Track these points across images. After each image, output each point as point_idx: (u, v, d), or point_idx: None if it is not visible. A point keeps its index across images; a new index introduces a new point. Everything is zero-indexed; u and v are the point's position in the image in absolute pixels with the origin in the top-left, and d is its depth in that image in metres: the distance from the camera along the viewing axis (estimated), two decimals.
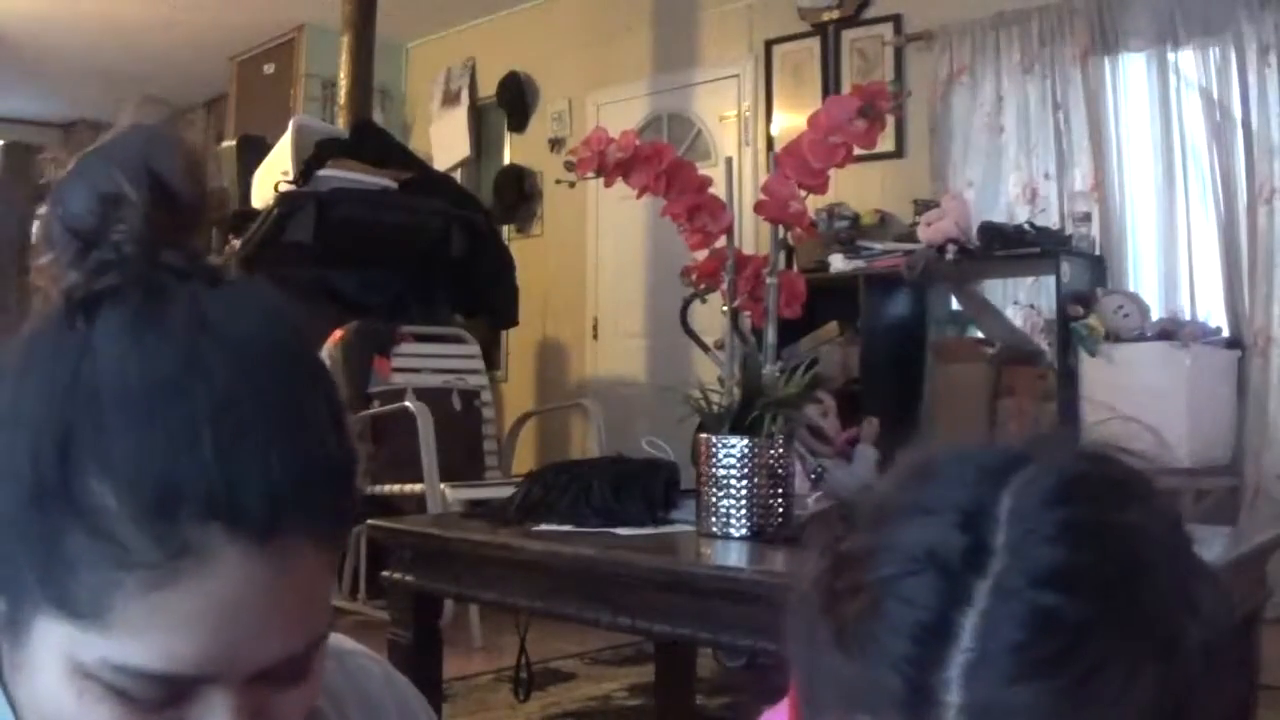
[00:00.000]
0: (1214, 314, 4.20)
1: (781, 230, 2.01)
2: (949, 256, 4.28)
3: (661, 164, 1.93)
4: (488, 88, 6.82)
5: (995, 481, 0.53)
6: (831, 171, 1.86)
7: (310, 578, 0.56)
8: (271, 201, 4.64)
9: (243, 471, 0.52)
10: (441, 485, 3.86)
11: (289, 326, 0.59)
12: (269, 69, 7.49)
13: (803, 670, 0.56)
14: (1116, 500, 0.53)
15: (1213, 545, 1.77)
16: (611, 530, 1.89)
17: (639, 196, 2.03)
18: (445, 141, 7.02)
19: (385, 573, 2.04)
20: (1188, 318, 4.16)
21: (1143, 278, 4.39)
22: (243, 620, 0.53)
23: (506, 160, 6.74)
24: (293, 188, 4.71)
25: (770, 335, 1.95)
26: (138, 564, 0.52)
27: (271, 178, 4.89)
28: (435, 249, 4.94)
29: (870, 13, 5.20)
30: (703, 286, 2.05)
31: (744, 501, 1.81)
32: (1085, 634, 0.49)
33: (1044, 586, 0.49)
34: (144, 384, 0.53)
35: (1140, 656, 0.49)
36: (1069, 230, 4.30)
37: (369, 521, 2.19)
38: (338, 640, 0.76)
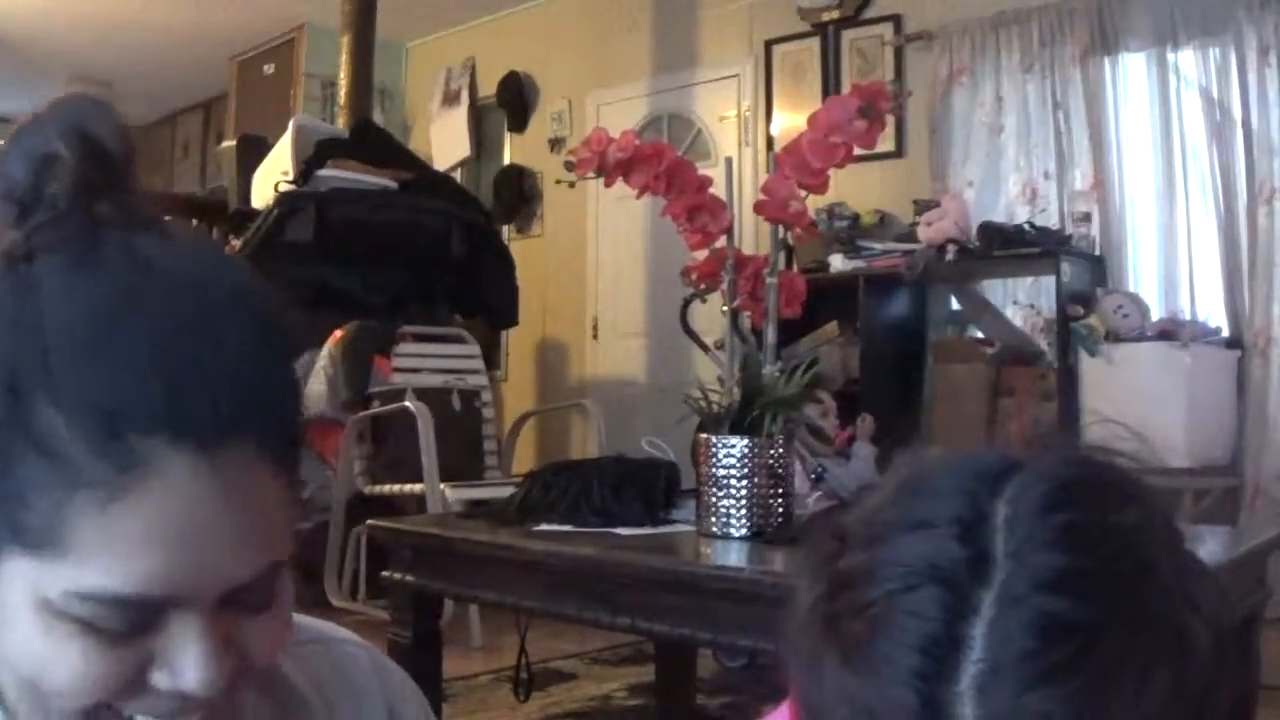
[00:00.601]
0: (1214, 314, 4.20)
1: (781, 230, 2.01)
2: (949, 256, 4.29)
3: (661, 164, 1.93)
4: (488, 87, 6.83)
5: (989, 490, 0.53)
6: (831, 171, 1.86)
7: (263, 493, 0.57)
8: (271, 201, 4.64)
9: (185, 385, 0.54)
10: (441, 485, 3.86)
11: (225, 261, 0.61)
12: (269, 69, 7.49)
13: (808, 692, 0.55)
14: (1112, 502, 0.53)
15: (1212, 545, 1.77)
16: (611, 530, 1.89)
17: (639, 196, 2.03)
18: (445, 141, 7.02)
19: (385, 573, 2.04)
20: (1188, 318, 4.16)
21: (1142, 278, 4.39)
22: (199, 533, 0.54)
23: (506, 160, 6.75)
24: (293, 188, 4.72)
25: (770, 335, 1.95)
26: (88, 481, 0.52)
27: (271, 178, 4.89)
28: (435, 249, 4.94)
29: (870, 13, 5.20)
30: (703, 286, 2.05)
31: (744, 501, 1.81)
32: (1095, 637, 0.49)
33: (1049, 591, 0.49)
34: (86, 313, 0.54)
35: (1151, 656, 0.49)
36: (1069, 230, 4.30)
37: (369, 521, 2.19)
38: (325, 627, 0.76)
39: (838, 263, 4.66)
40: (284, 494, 0.58)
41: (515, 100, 6.66)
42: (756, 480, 1.81)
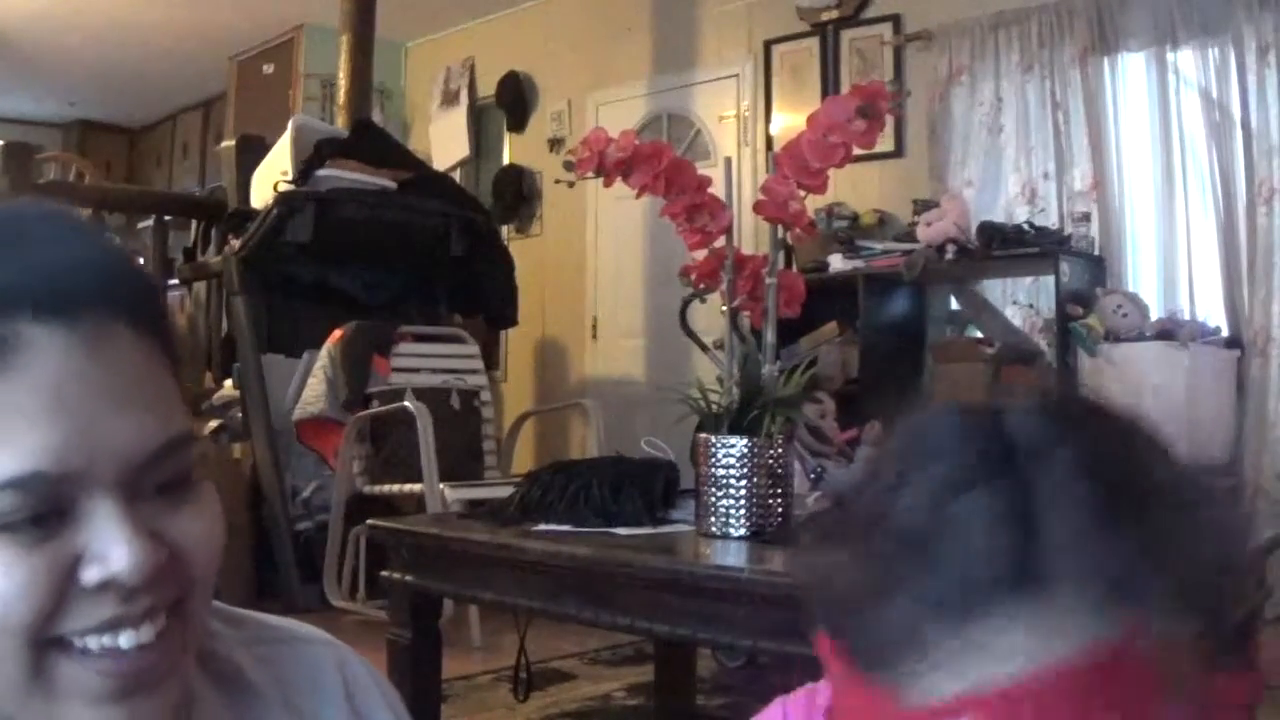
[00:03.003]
0: (1213, 314, 4.20)
1: (781, 230, 2.01)
2: (948, 256, 4.29)
3: (661, 164, 1.93)
4: (487, 87, 6.83)
5: (990, 418, 0.54)
6: (831, 171, 1.86)
7: (134, 362, 0.58)
8: (271, 201, 4.64)
9: (34, 266, 0.56)
10: (441, 485, 3.86)
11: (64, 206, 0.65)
12: (268, 69, 7.49)
13: (870, 634, 0.54)
14: (1103, 409, 0.56)
15: None
16: (611, 530, 1.89)
17: (638, 196, 2.03)
18: (444, 141, 7.02)
19: (384, 573, 2.04)
20: (1187, 317, 4.16)
21: (1142, 277, 4.39)
22: (77, 400, 0.55)
23: (506, 160, 6.75)
24: (292, 188, 4.71)
25: (769, 335, 1.95)
26: None
27: (271, 177, 4.89)
28: (435, 249, 4.94)
29: (869, 13, 5.20)
30: (702, 286, 2.05)
31: (743, 501, 1.81)
32: (1144, 493, 0.52)
33: (1089, 465, 0.51)
34: None
35: (1188, 512, 0.52)
36: (1068, 230, 4.30)
37: (368, 521, 2.19)
38: (294, 627, 0.76)
39: (837, 263, 4.66)
40: (159, 369, 0.60)
41: (514, 100, 6.66)
42: (756, 480, 1.81)
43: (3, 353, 0.54)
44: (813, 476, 2.56)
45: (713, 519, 1.83)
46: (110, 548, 0.55)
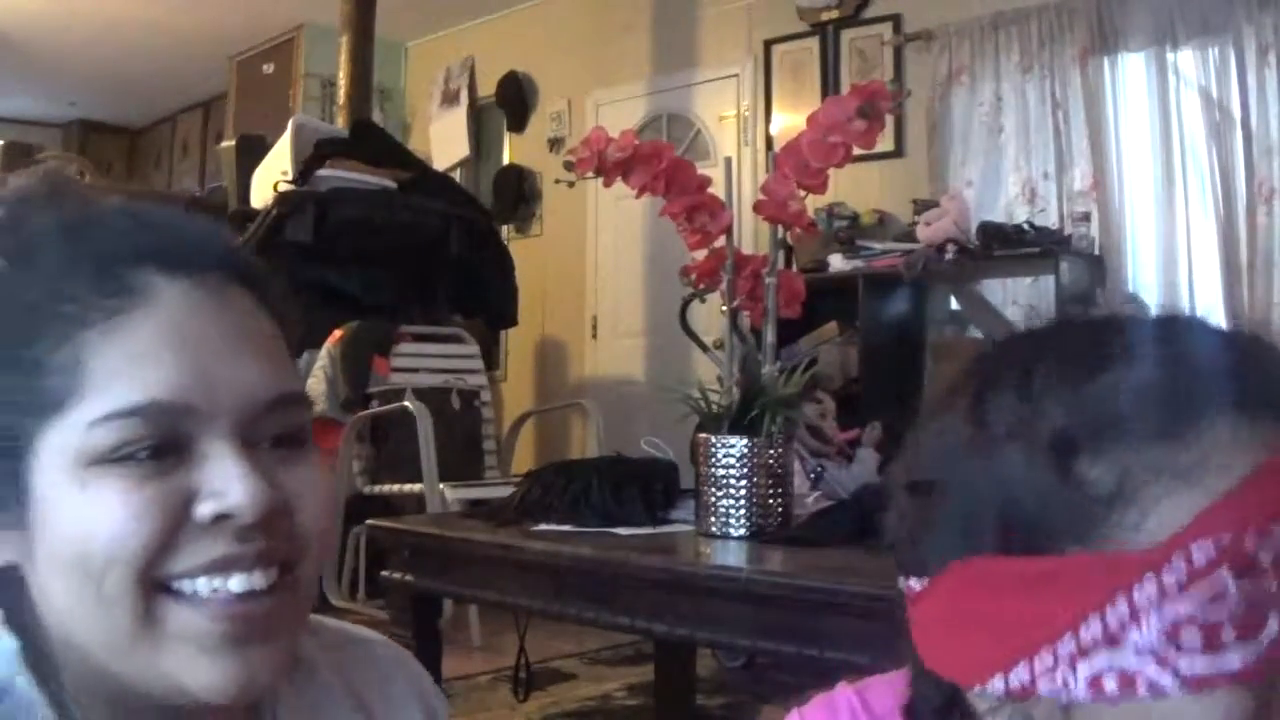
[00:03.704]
0: (1213, 314, 4.19)
1: (781, 230, 2.01)
2: (948, 256, 4.28)
3: (661, 164, 1.93)
4: (487, 87, 6.82)
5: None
6: (830, 171, 1.86)
7: (251, 318, 0.62)
8: (271, 201, 4.64)
9: (161, 227, 0.62)
10: (441, 485, 3.87)
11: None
12: (268, 68, 7.49)
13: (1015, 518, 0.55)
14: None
15: None
16: (611, 530, 1.89)
17: (638, 196, 2.03)
18: (444, 141, 7.02)
19: (385, 573, 2.04)
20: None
21: (1142, 277, 4.39)
22: (199, 343, 0.58)
23: (506, 160, 6.74)
24: (292, 187, 4.72)
25: (769, 335, 1.95)
26: (92, 317, 0.57)
27: (271, 177, 4.89)
28: (435, 249, 4.94)
29: (869, 12, 5.20)
30: (702, 286, 2.05)
31: (743, 501, 1.81)
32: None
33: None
34: (58, 217, 0.62)
35: None
36: (1068, 230, 4.30)
37: (368, 521, 2.19)
38: (356, 630, 0.78)
39: (837, 263, 4.66)
40: (273, 332, 0.63)
41: (514, 100, 6.66)
42: (756, 480, 1.81)
43: (133, 298, 0.58)
44: (813, 476, 2.57)
45: (713, 519, 1.83)
46: (226, 484, 0.57)
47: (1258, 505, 0.49)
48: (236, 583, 0.57)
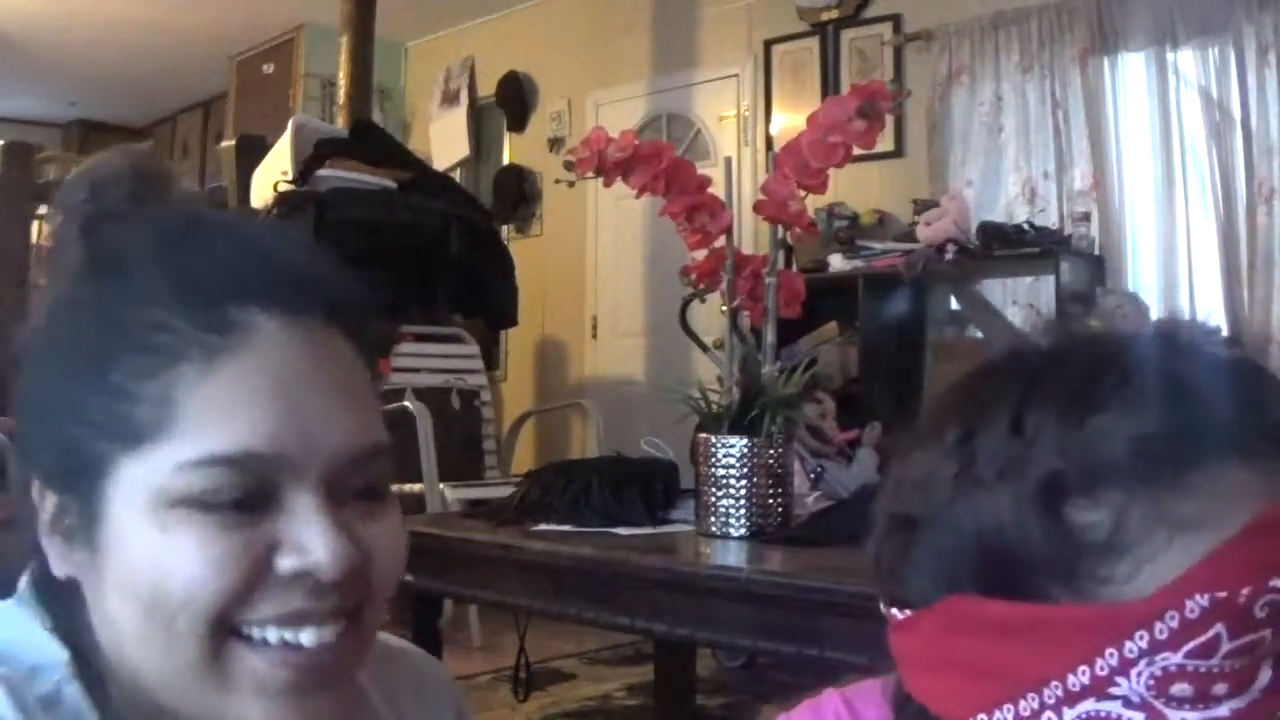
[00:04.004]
0: (1213, 314, 4.20)
1: (780, 230, 2.01)
2: (948, 256, 4.28)
3: (661, 164, 1.93)
4: (487, 87, 6.82)
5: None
6: (830, 171, 1.86)
7: (349, 366, 0.60)
8: (270, 201, 4.64)
9: (268, 261, 0.60)
10: (441, 485, 3.87)
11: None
12: (268, 69, 7.49)
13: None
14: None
15: None
16: (611, 530, 1.89)
17: (638, 196, 2.03)
18: (444, 141, 7.01)
19: None
20: (1187, 317, 4.16)
21: (1142, 277, 4.39)
22: (296, 389, 0.57)
23: (506, 160, 6.74)
24: (292, 188, 4.71)
25: (769, 335, 1.95)
26: (191, 352, 0.55)
27: (270, 177, 4.88)
28: (435, 249, 4.94)
29: (869, 12, 5.20)
30: (702, 286, 2.05)
31: (743, 501, 1.81)
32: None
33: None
34: (162, 231, 0.60)
35: None
36: (1068, 230, 4.30)
37: None
38: (387, 639, 0.78)
39: (837, 262, 4.66)
40: (366, 379, 0.62)
41: (514, 100, 6.66)
42: (756, 480, 1.81)
43: (235, 335, 0.56)
44: (813, 476, 2.57)
45: (713, 519, 1.83)
46: (311, 539, 0.56)
47: (1256, 560, 0.48)
48: (308, 636, 0.56)
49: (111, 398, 0.56)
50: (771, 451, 1.82)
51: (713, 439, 1.84)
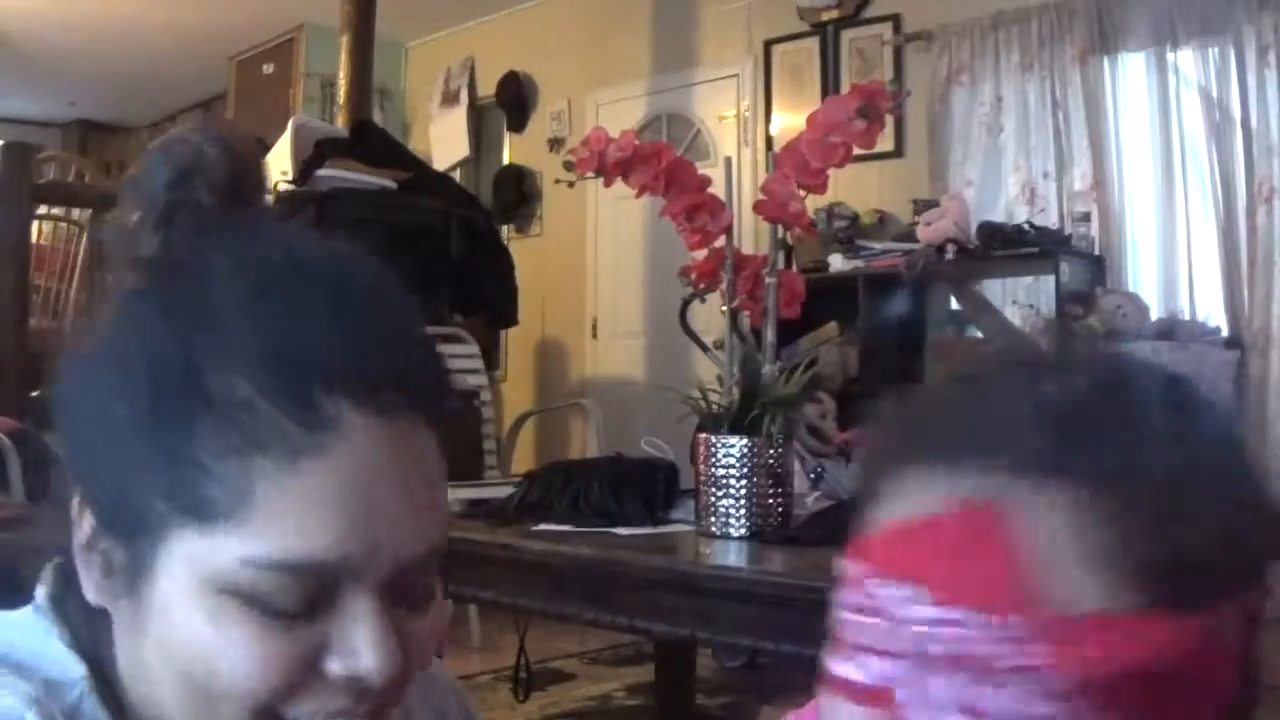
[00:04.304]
0: (1213, 314, 4.20)
1: (780, 230, 2.01)
2: (948, 256, 4.28)
3: (661, 164, 1.93)
4: (487, 87, 6.82)
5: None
6: (830, 171, 1.86)
7: (431, 464, 0.58)
8: (270, 201, 4.63)
9: (364, 349, 0.55)
10: None
11: (356, 250, 0.63)
12: (268, 69, 7.49)
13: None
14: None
15: None
16: (611, 530, 1.89)
17: (638, 196, 2.03)
18: (444, 141, 7.01)
19: None
20: (1187, 317, 4.16)
21: (1142, 278, 4.39)
22: (379, 498, 0.54)
23: (506, 160, 6.74)
24: (292, 187, 4.71)
25: (769, 335, 1.95)
26: (274, 442, 0.52)
27: (270, 177, 4.88)
28: (435, 249, 4.94)
29: (869, 12, 5.20)
30: (702, 286, 2.05)
31: (743, 501, 1.81)
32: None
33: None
34: (258, 279, 0.55)
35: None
36: (1068, 230, 4.30)
37: None
38: None
39: (837, 263, 4.66)
40: (441, 473, 0.60)
41: (514, 100, 6.66)
42: (756, 480, 1.81)
43: (323, 432, 0.53)
44: (813, 476, 2.56)
45: (713, 519, 1.83)
46: (364, 647, 0.54)
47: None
48: None
49: (181, 462, 0.53)
50: (771, 451, 1.82)
51: (713, 439, 1.84)
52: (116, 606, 0.57)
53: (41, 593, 0.60)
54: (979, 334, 4.61)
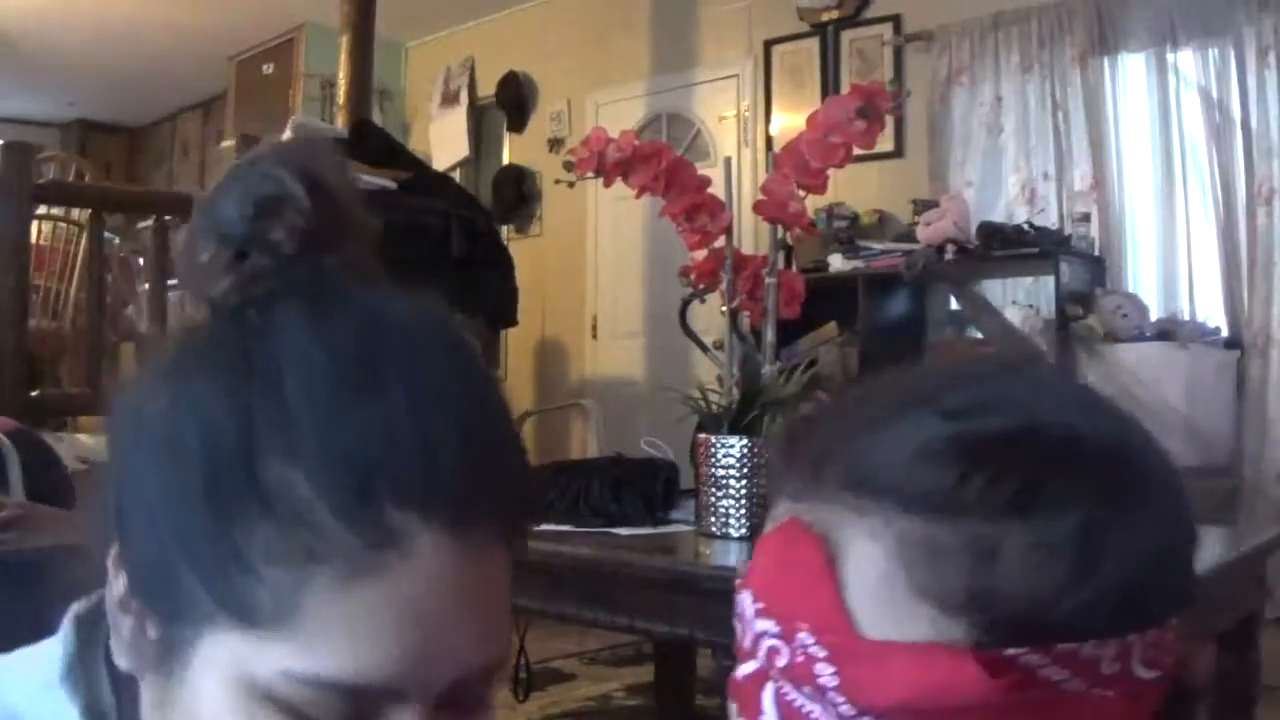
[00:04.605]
0: (1213, 314, 4.20)
1: (780, 230, 2.01)
2: (948, 257, 4.28)
3: (660, 164, 1.93)
4: (487, 87, 6.82)
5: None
6: (830, 171, 1.86)
7: (499, 581, 0.54)
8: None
9: (441, 456, 0.49)
10: None
11: (444, 319, 0.58)
12: (268, 68, 7.49)
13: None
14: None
15: (1212, 546, 1.77)
16: (611, 530, 1.89)
17: (638, 196, 2.03)
18: (444, 141, 7.02)
19: None
20: (1186, 318, 4.16)
21: (1141, 278, 4.39)
22: (436, 621, 0.49)
23: (505, 160, 6.74)
24: None
25: (769, 335, 1.95)
26: (334, 555, 0.47)
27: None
28: (435, 249, 4.94)
29: (869, 13, 5.20)
30: (701, 286, 2.05)
31: (743, 501, 1.81)
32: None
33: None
34: (331, 369, 0.50)
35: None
36: (1068, 230, 4.31)
37: None
38: None
39: (837, 263, 4.66)
40: (508, 584, 0.55)
41: (514, 100, 6.66)
42: (755, 480, 1.81)
43: (385, 547, 0.48)
44: None
45: (712, 519, 1.83)
46: None
47: None
48: None
49: (230, 559, 0.48)
50: (771, 451, 1.82)
51: (712, 439, 1.84)
52: (144, 678, 0.53)
53: (60, 655, 0.57)
54: (979, 334, 4.61)
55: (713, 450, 1.83)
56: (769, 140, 5.44)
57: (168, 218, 3.91)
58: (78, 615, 0.58)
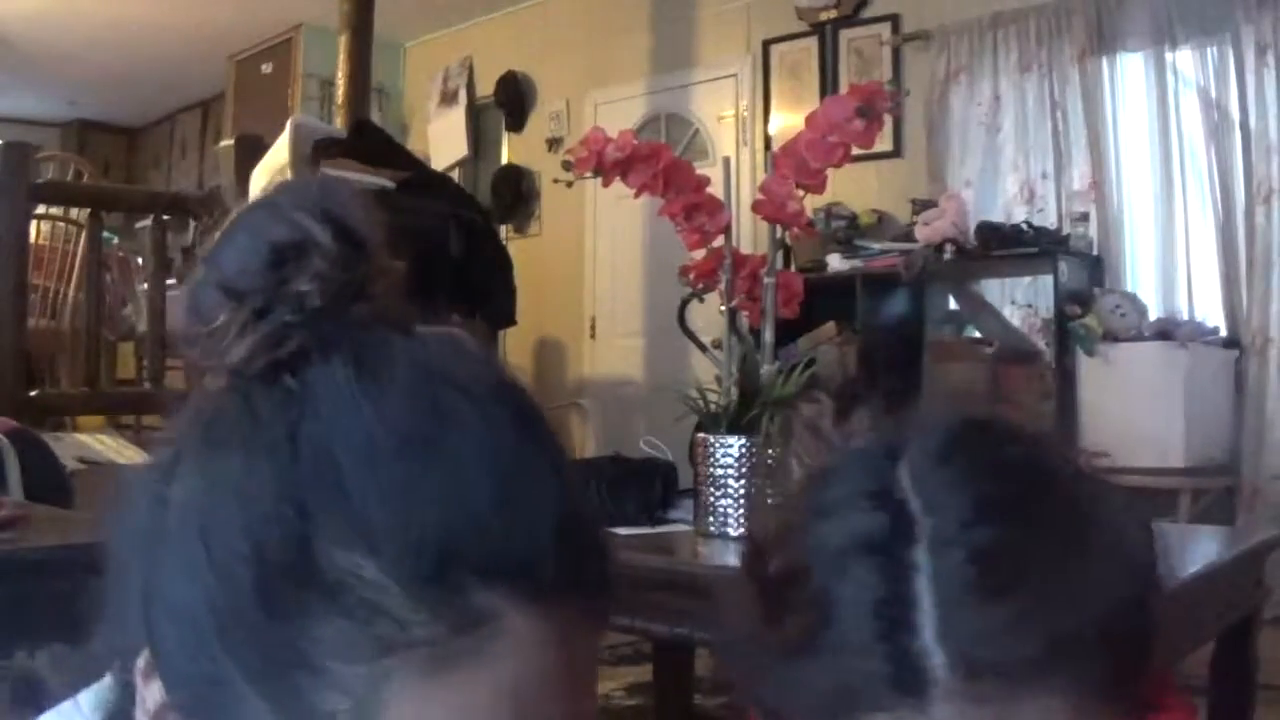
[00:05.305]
0: (1211, 314, 4.20)
1: (779, 230, 2.01)
2: (946, 256, 4.29)
3: (659, 163, 1.93)
4: (485, 87, 6.82)
5: (888, 459, 0.55)
6: (829, 171, 1.86)
7: (590, 659, 0.48)
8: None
9: (522, 522, 0.44)
10: None
11: (502, 368, 0.52)
12: (267, 68, 7.49)
13: (766, 697, 0.57)
14: (1001, 436, 0.57)
15: (1210, 545, 1.77)
16: (609, 530, 1.88)
17: (637, 196, 2.02)
18: (443, 141, 7.02)
19: None
20: (1185, 317, 4.16)
21: (1140, 277, 4.39)
22: (532, 709, 0.44)
23: (504, 160, 6.74)
24: None
25: (768, 335, 1.95)
26: (415, 643, 0.42)
27: (269, 177, 4.88)
28: (434, 249, 4.93)
29: (868, 12, 5.20)
30: (700, 286, 2.05)
31: (741, 501, 1.81)
32: (1027, 549, 0.51)
33: (973, 525, 0.51)
34: (388, 437, 0.44)
35: (1077, 556, 0.52)
36: (1066, 230, 4.31)
37: None
38: None
39: (835, 262, 4.66)
40: (597, 662, 0.50)
41: (513, 100, 6.66)
42: (754, 480, 1.81)
43: (473, 635, 0.43)
44: None
45: (711, 518, 1.83)
46: None
47: None
48: None
49: (294, 662, 0.42)
50: (770, 451, 1.82)
51: (711, 439, 1.84)
52: None
53: None
54: (977, 334, 4.62)
55: (711, 450, 1.83)
56: (767, 140, 5.44)
57: (166, 217, 3.92)
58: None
